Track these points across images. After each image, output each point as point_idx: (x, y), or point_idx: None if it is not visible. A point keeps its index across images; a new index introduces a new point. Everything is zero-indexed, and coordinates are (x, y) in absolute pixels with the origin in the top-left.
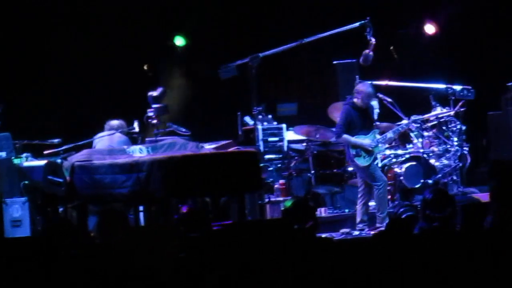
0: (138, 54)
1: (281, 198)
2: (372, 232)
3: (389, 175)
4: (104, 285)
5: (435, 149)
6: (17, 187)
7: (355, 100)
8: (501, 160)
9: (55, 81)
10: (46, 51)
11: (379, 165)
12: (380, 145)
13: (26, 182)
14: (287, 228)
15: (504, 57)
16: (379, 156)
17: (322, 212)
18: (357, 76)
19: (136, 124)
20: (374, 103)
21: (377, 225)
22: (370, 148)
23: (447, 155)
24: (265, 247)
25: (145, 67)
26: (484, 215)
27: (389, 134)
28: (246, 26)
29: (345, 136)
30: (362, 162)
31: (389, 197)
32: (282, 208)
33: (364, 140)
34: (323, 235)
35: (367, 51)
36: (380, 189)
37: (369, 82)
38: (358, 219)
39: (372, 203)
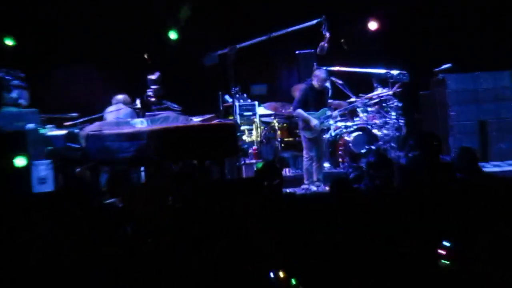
0: (140, 45)
1: (253, 161)
2: (328, 188)
3: (340, 142)
4: (118, 230)
5: (377, 121)
6: (42, 152)
7: (313, 82)
8: (429, 131)
9: (73, 65)
10: (64, 42)
11: (332, 134)
12: (325, 122)
13: (50, 148)
14: (259, 185)
15: (432, 48)
16: (332, 127)
17: (286, 172)
18: (314, 63)
19: (138, 101)
20: (327, 85)
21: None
22: (313, 126)
23: (387, 126)
24: (240, 200)
25: (145, 56)
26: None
27: (335, 113)
28: (225, 22)
29: (299, 110)
30: (306, 134)
31: (340, 159)
32: (255, 169)
33: (313, 119)
34: (288, 190)
35: (322, 43)
36: (305, 160)
37: (324, 68)
38: (314, 178)
39: (326, 164)
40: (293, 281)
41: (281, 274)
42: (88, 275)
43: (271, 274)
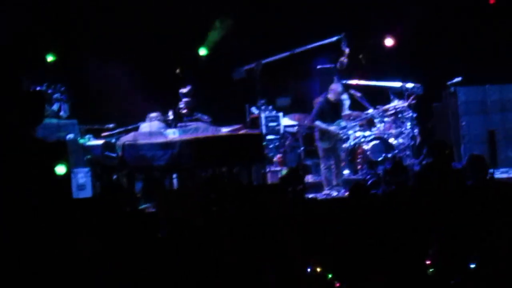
0: (173, 60)
1: (278, 168)
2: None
3: (358, 150)
4: (152, 233)
5: (393, 131)
6: (82, 161)
7: (328, 96)
8: (441, 140)
9: (110, 79)
10: (101, 58)
11: (351, 143)
12: (340, 133)
13: (89, 156)
14: (283, 190)
15: (445, 62)
16: (351, 136)
17: (309, 178)
18: (335, 77)
19: (170, 113)
20: (345, 96)
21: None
22: (334, 132)
23: (402, 136)
24: (267, 204)
25: (178, 71)
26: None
27: (350, 125)
28: (252, 40)
29: (317, 122)
30: (323, 144)
31: (359, 166)
32: (280, 176)
33: (331, 126)
34: (310, 195)
35: (342, 58)
36: (323, 169)
37: (344, 81)
38: (334, 183)
39: (346, 171)
40: (329, 275)
41: (318, 269)
42: (122, 278)
43: (308, 270)
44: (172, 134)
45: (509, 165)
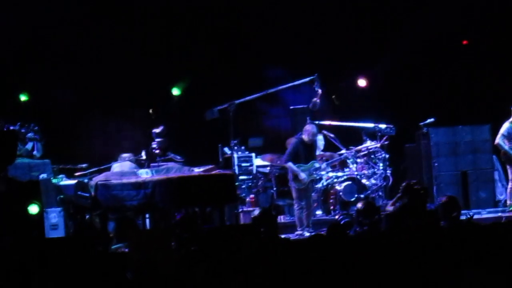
0: (145, 101)
1: (251, 209)
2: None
3: (331, 191)
4: (120, 274)
5: (366, 172)
6: (54, 200)
7: (303, 136)
8: (415, 180)
9: (83, 119)
10: (75, 97)
11: (324, 184)
12: (314, 173)
13: (62, 196)
14: (256, 231)
15: (417, 103)
16: (324, 177)
17: (281, 218)
18: (308, 118)
19: (143, 153)
20: (320, 137)
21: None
22: (301, 180)
23: (375, 177)
24: (239, 245)
25: (150, 111)
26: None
27: (323, 165)
28: (225, 80)
29: (290, 163)
30: (296, 185)
31: (331, 207)
32: (252, 216)
33: (301, 172)
34: (282, 236)
35: (315, 99)
36: (296, 209)
37: (317, 122)
38: (305, 224)
39: (318, 212)
40: None
41: None
42: None
43: None
44: (145, 174)
45: (480, 207)
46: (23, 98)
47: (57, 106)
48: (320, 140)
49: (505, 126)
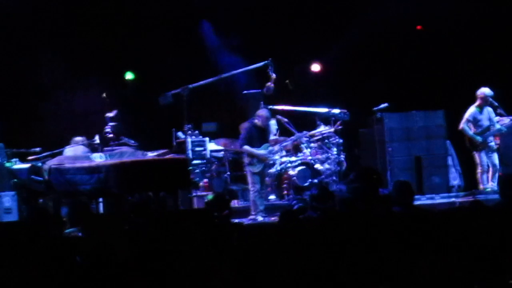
0: (100, 84)
1: (204, 193)
2: (272, 218)
3: (285, 176)
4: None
5: (320, 157)
6: (8, 184)
7: (256, 121)
8: (369, 165)
9: (36, 103)
10: (28, 80)
11: (278, 169)
12: (271, 155)
13: (15, 180)
14: (209, 215)
15: (371, 89)
16: (277, 162)
17: (235, 203)
18: (261, 102)
19: (97, 137)
20: (273, 122)
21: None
22: (262, 156)
23: (329, 161)
24: (193, 229)
25: (104, 95)
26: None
27: (276, 148)
28: (179, 64)
29: (245, 147)
30: (252, 169)
31: (285, 192)
32: (206, 200)
33: (259, 151)
34: (236, 220)
35: (269, 83)
36: (251, 193)
37: (270, 107)
38: (260, 208)
39: (272, 197)
40: None
41: None
42: None
43: None
44: (99, 158)
45: (434, 192)
46: None
47: (10, 89)
48: (274, 125)
49: (470, 111)
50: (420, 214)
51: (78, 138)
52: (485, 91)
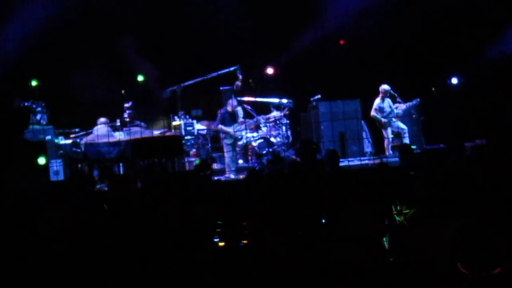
0: (120, 85)
1: (193, 159)
2: (241, 176)
3: (249, 146)
4: (101, 207)
5: (273, 133)
6: (56, 155)
7: (228, 108)
8: (309, 139)
9: (76, 97)
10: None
11: (244, 141)
12: (238, 132)
13: (61, 151)
14: (197, 175)
15: (309, 84)
16: (244, 137)
17: (215, 165)
18: (232, 95)
19: (118, 121)
20: (239, 109)
21: (226, 175)
22: (232, 133)
23: (279, 136)
24: (185, 184)
25: (123, 91)
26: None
27: (242, 127)
28: (175, 69)
29: (220, 126)
30: (227, 141)
31: (249, 158)
32: (194, 164)
33: (230, 129)
34: (216, 178)
35: (237, 82)
36: (226, 159)
37: (237, 99)
38: (232, 169)
39: (240, 161)
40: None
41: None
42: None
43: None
44: (119, 136)
45: (353, 156)
46: (34, 83)
47: (58, 88)
48: (240, 111)
49: (376, 102)
50: (343, 172)
51: (102, 119)
52: (385, 87)
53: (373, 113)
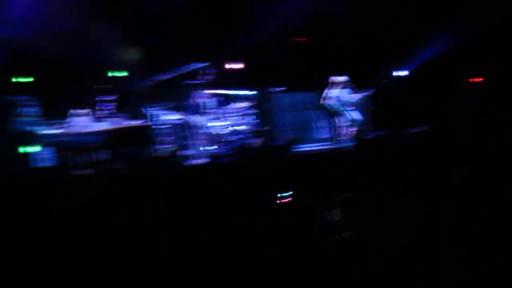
0: (103, 80)
1: (167, 146)
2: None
3: (217, 135)
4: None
5: (240, 121)
6: (47, 144)
7: (197, 99)
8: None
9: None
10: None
11: (212, 130)
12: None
13: (51, 140)
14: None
15: (272, 78)
16: (214, 125)
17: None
18: (199, 88)
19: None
20: (207, 100)
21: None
22: (200, 123)
23: (245, 124)
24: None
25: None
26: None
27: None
28: (154, 63)
29: (189, 116)
30: (196, 130)
31: (218, 146)
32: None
33: (199, 119)
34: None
35: (205, 76)
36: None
37: (205, 91)
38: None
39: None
40: None
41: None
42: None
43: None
44: (99, 127)
45: (311, 142)
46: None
47: (48, 86)
48: (209, 102)
49: (326, 92)
50: (302, 155)
51: (84, 111)
52: (334, 79)
53: (322, 101)
